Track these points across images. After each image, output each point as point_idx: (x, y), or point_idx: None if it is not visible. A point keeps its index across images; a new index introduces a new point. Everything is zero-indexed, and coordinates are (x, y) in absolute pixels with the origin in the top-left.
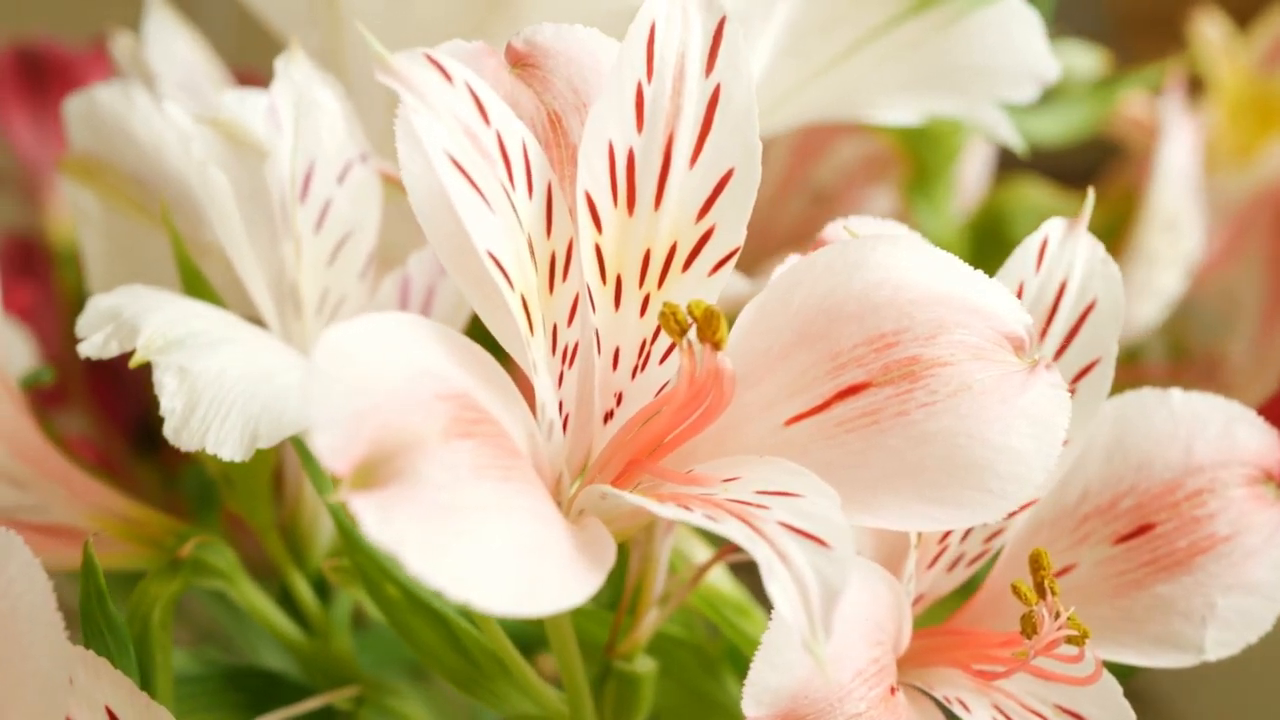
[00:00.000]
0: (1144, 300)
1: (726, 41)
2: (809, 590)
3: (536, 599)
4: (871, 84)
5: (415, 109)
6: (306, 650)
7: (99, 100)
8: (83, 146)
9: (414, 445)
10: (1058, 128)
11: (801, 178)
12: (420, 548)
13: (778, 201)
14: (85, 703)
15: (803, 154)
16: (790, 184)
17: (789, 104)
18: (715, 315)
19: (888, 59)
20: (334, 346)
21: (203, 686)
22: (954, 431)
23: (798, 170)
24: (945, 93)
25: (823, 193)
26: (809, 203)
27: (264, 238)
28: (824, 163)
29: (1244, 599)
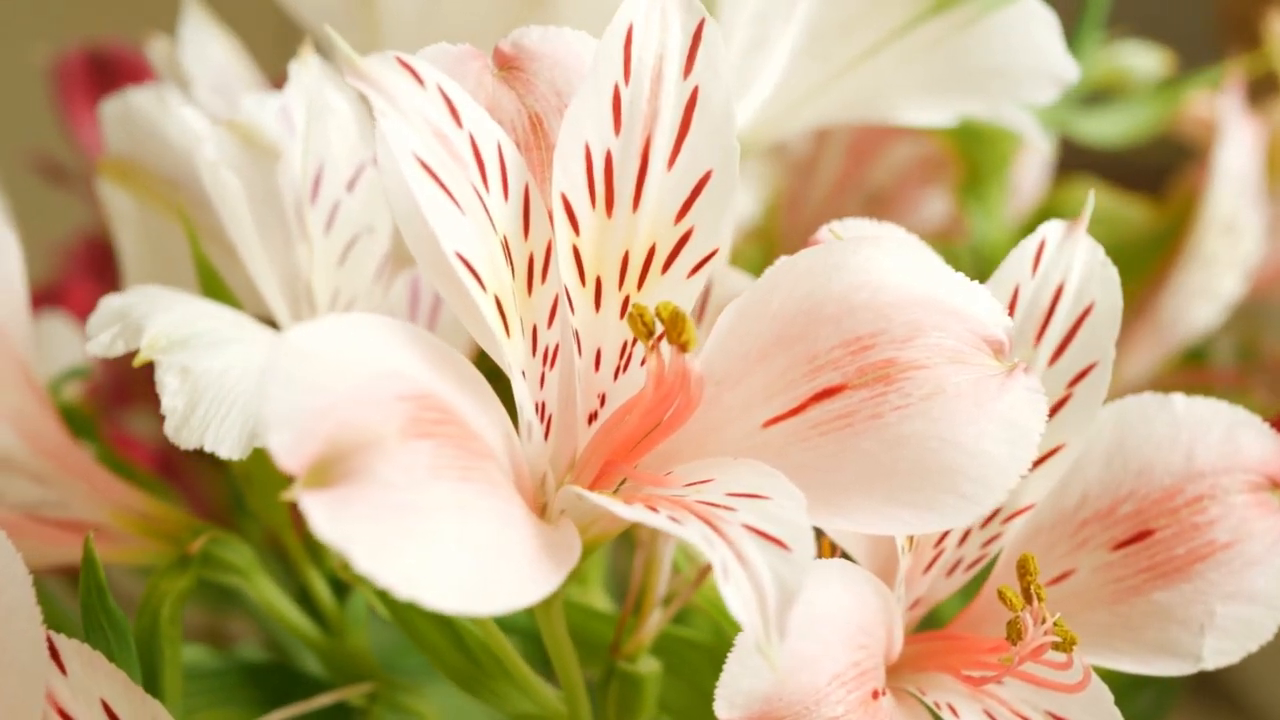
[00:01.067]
0: (1202, 303)
1: (705, 43)
2: (765, 593)
3: (489, 598)
4: (892, 85)
5: (384, 112)
6: (323, 647)
7: (133, 103)
8: (118, 149)
9: (370, 445)
10: (1118, 129)
11: (857, 179)
12: (369, 546)
13: (833, 203)
14: (81, 696)
15: (857, 155)
16: (845, 185)
17: (810, 105)
18: (681, 317)
19: (908, 60)
20: (296, 345)
21: (220, 681)
22: (926, 435)
23: (853, 172)
24: (966, 93)
25: (878, 194)
26: (864, 204)
27: (278, 239)
28: (879, 164)
29: (1244, 608)
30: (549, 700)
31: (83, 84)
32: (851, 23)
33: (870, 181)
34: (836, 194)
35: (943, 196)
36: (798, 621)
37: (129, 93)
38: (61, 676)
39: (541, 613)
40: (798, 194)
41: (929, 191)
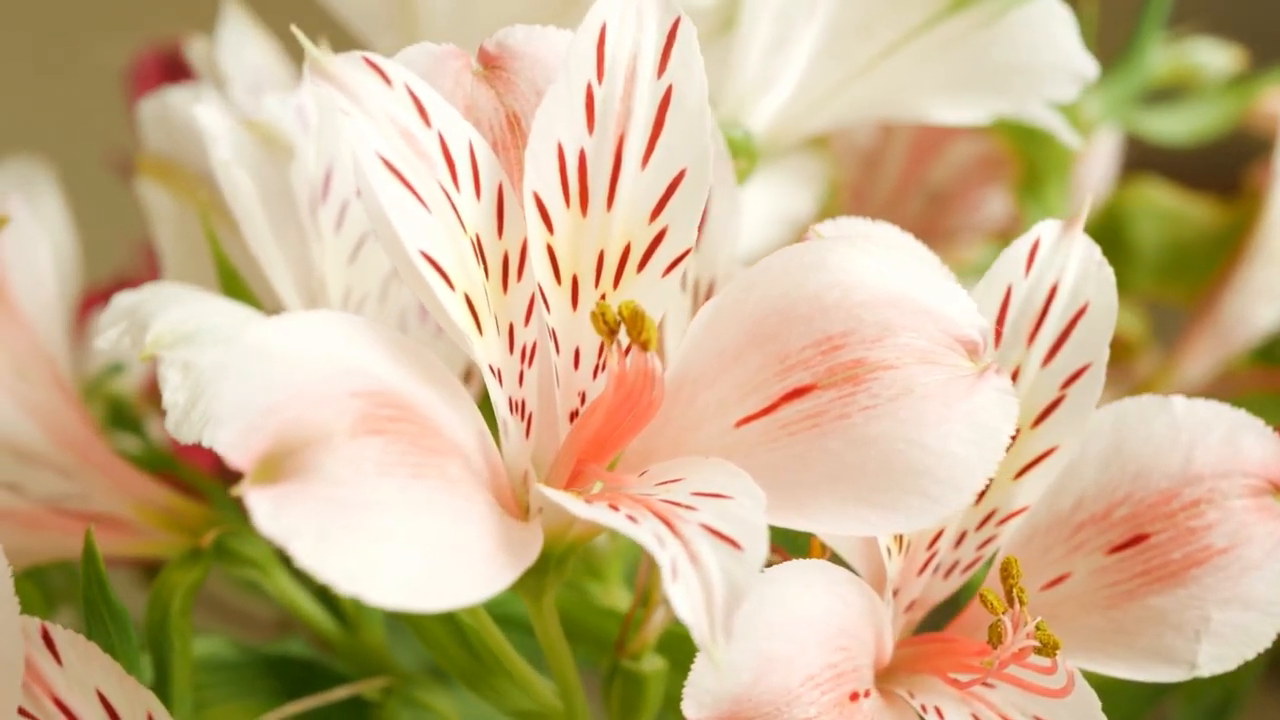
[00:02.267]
0: (1267, 302)
1: (680, 42)
2: (714, 593)
3: (434, 594)
4: (914, 84)
5: (347, 111)
6: (339, 641)
7: (171, 103)
8: (157, 147)
9: (318, 441)
10: (1187, 127)
11: (918, 178)
12: (311, 541)
13: (895, 202)
14: (77, 685)
15: (919, 153)
16: (907, 184)
17: (831, 104)
18: (641, 315)
19: (929, 59)
20: (250, 342)
21: (239, 673)
22: (892, 435)
23: (914, 171)
24: (989, 91)
25: (939, 193)
26: (926, 203)
27: (293, 238)
28: (940, 163)
29: (1241, 614)
30: (547, 697)
31: (155, 83)
32: (871, 21)
33: (931, 180)
34: (899, 191)
35: (1003, 196)
36: (772, 622)
37: (166, 92)
38: (57, 666)
39: (533, 608)
40: (862, 189)
41: (990, 190)
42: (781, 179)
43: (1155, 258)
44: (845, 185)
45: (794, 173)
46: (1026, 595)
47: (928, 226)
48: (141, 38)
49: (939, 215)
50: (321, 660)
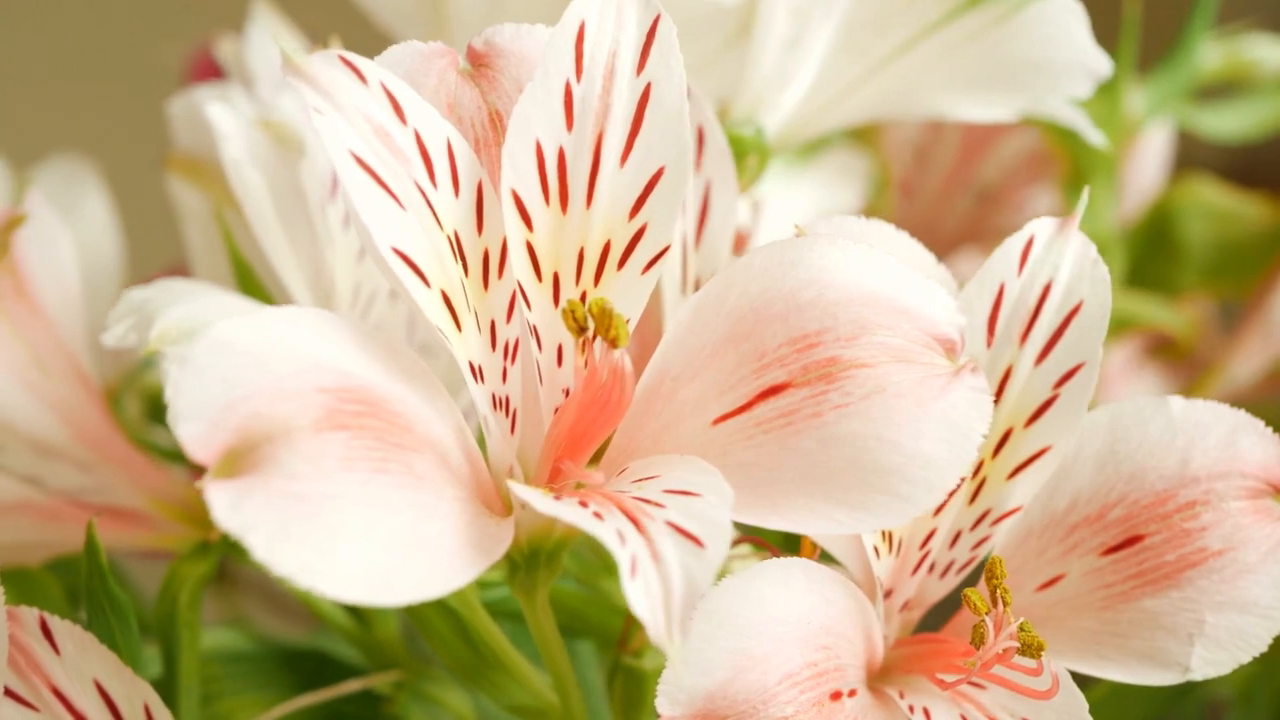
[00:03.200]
0: None
1: (659, 40)
2: (673, 590)
3: (391, 590)
4: (930, 81)
5: (319, 109)
6: (354, 635)
7: (198, 102)
8: (185, 145)
9: (280, 436)
10: (1242, 124)
11: (966, 176)
12: (267, 535)
13: (943, 200)
14: (75, 675)
15: (966, 152)
16: (955, 182)
17: (846, 101)
18: (609, 313)
19: (945, 56)
20: (218, 338)
21: (255, 665)
22: (864, 434)
23: (962, 169)
24: (1006, 89)
25: (987, 191)
26: (974, 201)
27: (305, 236)
28: (988, 161)
29: (1237, 617)
30: (544, 693)
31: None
32: (886, 18)
33: (980, 178)
34: (947, 189)
35: (1052, 194)
36: (749, 620)
37: (194, 91)
38: (55, 656)
39: (526, 605)
40: (912, 186)
41: (1037, 189)
42: (825, 176)
43: (1204, 256)
44: (895, 183)
45: (838, 170)
46: (1010, 596)
47: (976, 224)
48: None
49: (987, 213)
50: (338, 653)
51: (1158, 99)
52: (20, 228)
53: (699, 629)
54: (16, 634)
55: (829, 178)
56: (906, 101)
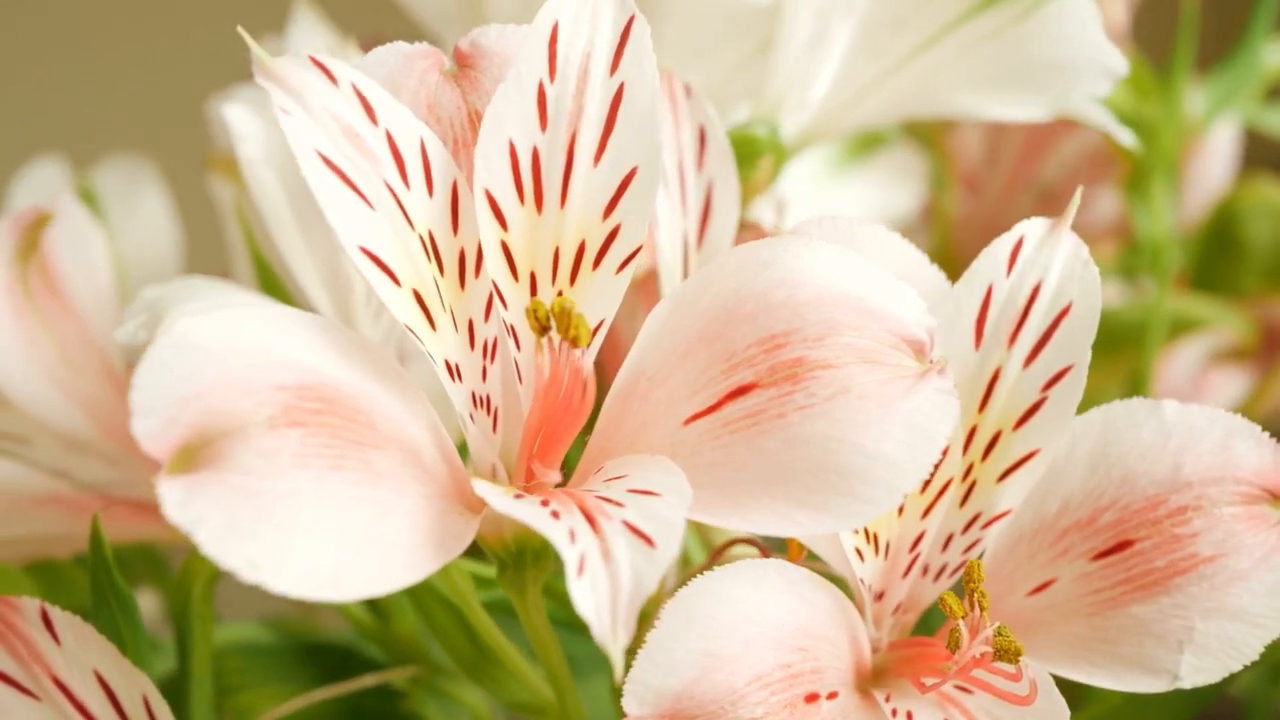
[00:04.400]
0: None
1: (633, 40)
2: (620, 590)
3: (341, 585)
4: (951, 80)
5: (287, 110)
6: (372, 630)
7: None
8: (225, 145)
9: (235, 432)
10: None
11: (1028, 175)
12: (216, 530)
13: (1006, 199)
14: (75, 665)
15: (1028, 151)
16: (1017, 181)
17: (867, 100)
18: (569, 313)
19: (964, 54)
20: (179, 335)
21: (277, 658)
22: (826, 436)
23: (1024, 167)
24: (1026, 88)
25: (1049, 190)
26: (1036, 200)
27: (322, 236)
28: (1049, 160)
29: (1227, 625)
30: (541, 688)
31: None
32: (904, 18)
33: (1042, 177)
34: (1009, 188)
35: (1114, 193)
36: (720, 620)
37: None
38: (55, 646)
39: (518, 602)
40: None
41: (1100, 188)
42: (880, 175)
43: (1268, 257)
44: (957, 182)
45: (893, 169)
46: (987, 600)
47: None
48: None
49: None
50: (358, 648)
51: (1219, 98)
52: (50, 227)
53: (667, 628)
54: (18, 624)
55: (884, 177)
56: (927, 101)
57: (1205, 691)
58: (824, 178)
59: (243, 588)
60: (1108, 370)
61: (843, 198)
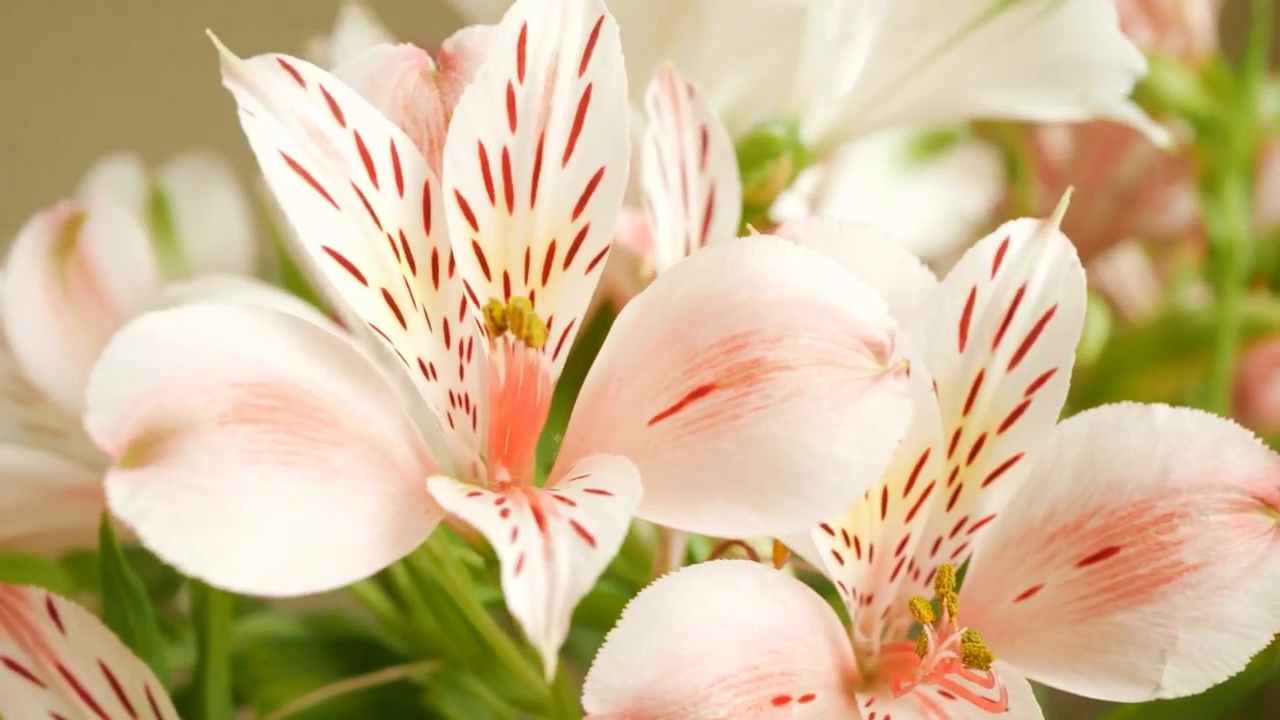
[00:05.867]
0: None
1: (602, 40)
2: (557, 589)
3: (286, 580)
4: (974, 79)
5: (251, 112)
6: (396, 624)
7: None
8: None
9: (186, 428)
10: None
11: (1105, 176)
12: (160, 524)
13: (1082, 201)
14: (79, 654)
15: (1105, 152)
16: (1093, 183)
17: (890, 101)
18: (521, 312)
19: (986, 55)
20: (138, 331)
21: (305, 651)
22: (779, 437)
23: (1100, 169)
24: (1047, 87)
25: (1125, 191)
26: (1113, 202)
27: None
28: (1126, 160)
29: (1211, 635)
30: (540, 686)
31: None
32: (926, 17)
33: (1119, 178)
34: (1086, 189)
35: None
36: (684, 620)
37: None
38: (60, 635)
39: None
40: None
41: (1176, 190)
42: (948, 176)
43: None
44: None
45: (962, 169)
46: (957, 605)
47: (1116, 225)
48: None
49: (1127, 214)
50: (383, 642)
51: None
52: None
53: (629, 627)
54: (25, 613)
55: (952, 177)
56: (951, 100)
57: (1239, 686)
58: (890, 179)
59: None
60: (1182, 373)
61: (910, 199)
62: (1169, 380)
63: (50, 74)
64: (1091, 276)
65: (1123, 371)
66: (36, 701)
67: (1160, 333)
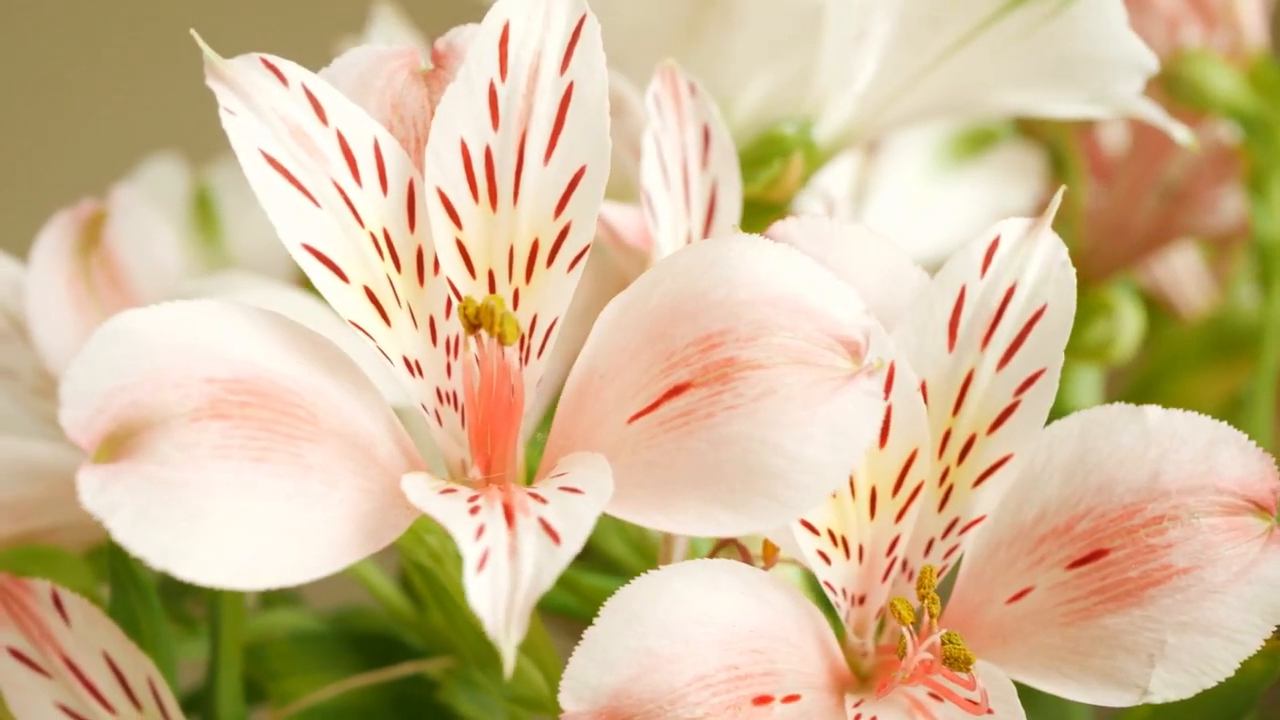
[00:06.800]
0: None
1: (583, 39)
2: (519, 587)
3: (254, 575)
4: (989, 77)
5: (232, 110)
6: (412, 621)
7: None
8: None
9: (158, 423)
10: None
11: (1153, 175)
12: (128, 517)
13: (1131, 200)
14: (84, 646)
15: (1154, 150)
16: (1141, 181)
17: (905, 99)
18: (492, 310)
19: (1000, 51)
20: (115, 327)
21: (323, 646)
22: (750, 436)
23: (1149, 167)
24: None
25: (1173, 189)
26: (1161, 201)
27: None
28: (1173, 158)
29: (1201, 639)
30: (538, 683)
31: None
32: (940, 15)
33: (1166, 177)
34: (1134, 188)
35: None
36: (663, 619)
37: None
38: (66, 627)
39: None
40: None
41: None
42: (992, 174)
43: None
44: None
45: (1007, 167)
46: (937, 606)
47: (1165, 224)
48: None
49: (1175, 213)
50: (401, 638)
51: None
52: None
53: (606, 625)
54: (31, 605)
55: (996, 176)
56: (966, 98)
57: (1253, 689)
58: (931, 178)
59: (331, 578)
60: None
61: (951, 198)
62: (1217, 382)
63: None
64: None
65: (1171, 372)
66: (42, 692)
67: (1207, 333)
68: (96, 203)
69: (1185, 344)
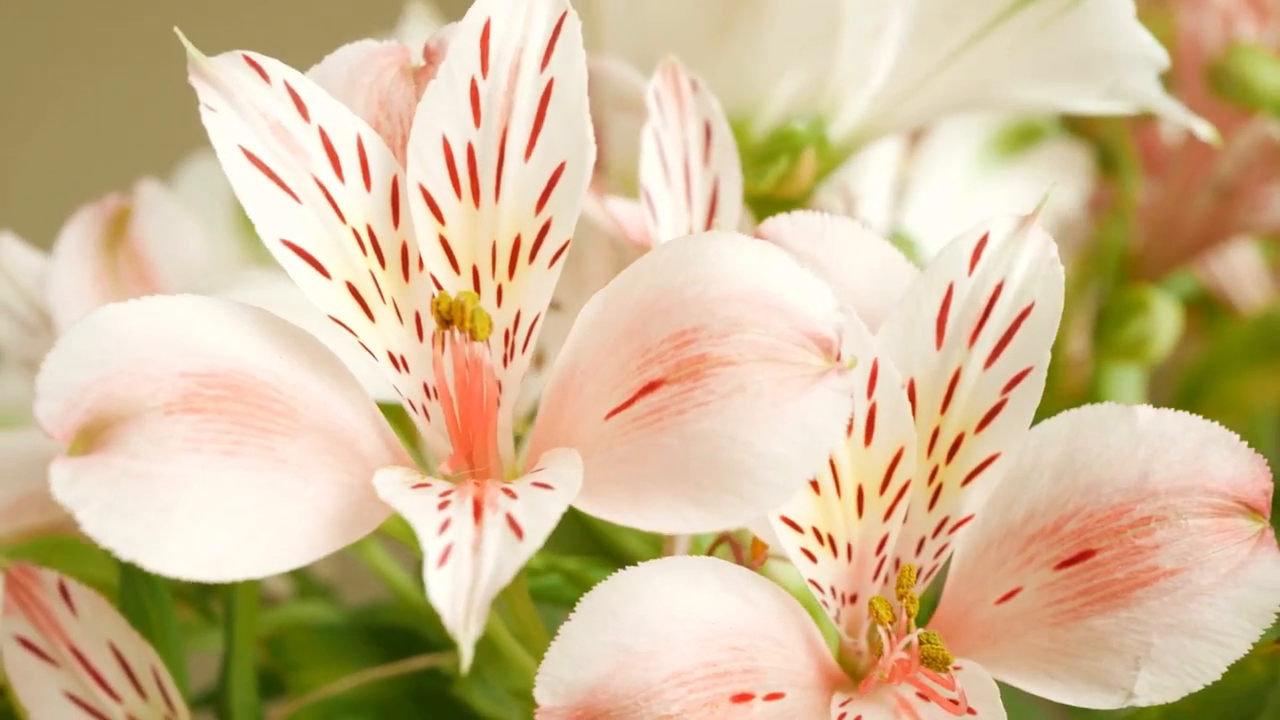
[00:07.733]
0: None
1: (564, 36)
2: (480, 582)
3: (224, 567)
4: (1005, 72)
5: (212, 107)
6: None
7: None
8: None
9: (131, 417)
10: None
11: (1204, 172)
12: (97, 509)
13: (1183, 197)
14: (90, 635)
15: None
16: (1193, 179)
17: (920, 95)
18: (462, 306)
19: (1015, 47)
20: (91, 321)
21: (340, 639)
22: (718, 433)
23: (1202, 165)
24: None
25: (1224, 186)
26: (1213, 199)
27: None
28: (1224, 155)
29: (1187, 642)
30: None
31: None
32: (956, 9)
33: (1218, 174)
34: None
35: None
36: (640, 616)
37: None
38: (73, 617)
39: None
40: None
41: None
42: (1037, 171)
43: None
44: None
45: (1052, 164)
46: (915, 605)
47: (1217, 222)
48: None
49: (1227, 211)
50: (422, 632)
51: None
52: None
53: (581, 621)
54: (39, 595)
55: (1041, 172)
56: (983, 94)
57: (1260, 691)
58: (975, 175)
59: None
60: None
61: (996, 195)
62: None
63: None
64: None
65: (1221, 373)
66: (51, 681)
67: (1255, 334)
68: (122, 198)
69: (1234, 343)
